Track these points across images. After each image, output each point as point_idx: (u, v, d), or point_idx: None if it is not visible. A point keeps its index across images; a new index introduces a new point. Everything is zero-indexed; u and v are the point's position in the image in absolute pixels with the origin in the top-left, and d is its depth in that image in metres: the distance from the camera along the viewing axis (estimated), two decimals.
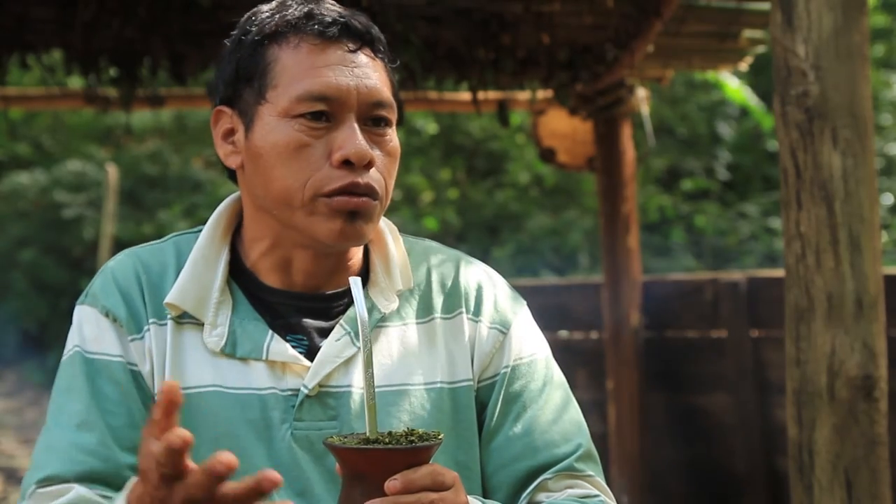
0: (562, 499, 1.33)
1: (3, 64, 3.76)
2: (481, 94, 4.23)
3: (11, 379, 10.36)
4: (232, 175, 1.41)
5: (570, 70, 4.07)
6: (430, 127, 10.70)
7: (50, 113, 10.95)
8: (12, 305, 10.29)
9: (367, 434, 1.13)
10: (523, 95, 4.72)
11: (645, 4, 3.58)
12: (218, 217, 1.41)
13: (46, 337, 10.15)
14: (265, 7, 1.38)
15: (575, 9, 3.65)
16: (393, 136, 1.35)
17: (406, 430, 1.17)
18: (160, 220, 10.20)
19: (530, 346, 1.44)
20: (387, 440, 1.11)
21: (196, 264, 1.36)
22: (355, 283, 1.19)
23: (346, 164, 1.28)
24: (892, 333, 3.47)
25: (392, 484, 1.09)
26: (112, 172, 8.78)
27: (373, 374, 1.14)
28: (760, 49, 4.27)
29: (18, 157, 11.19)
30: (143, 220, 10.37)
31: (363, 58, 1.32)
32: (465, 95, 4.72)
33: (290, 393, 1.32)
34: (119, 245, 8.85)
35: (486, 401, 1.40)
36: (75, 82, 5.46)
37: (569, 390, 1.45)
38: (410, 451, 1.10)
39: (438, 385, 1.38)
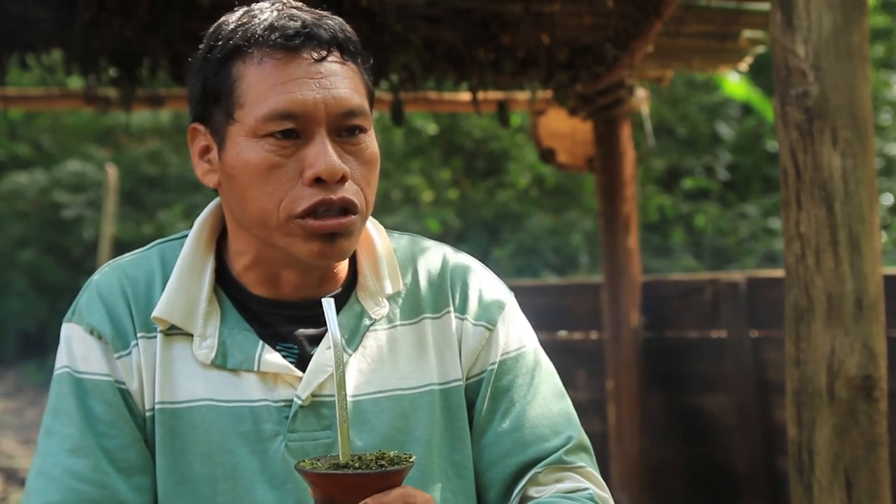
0: (547, 497, 1.32)
1: (3, 64, 3.76)
2: (481, 95, 4.22)
3: (11, 379, 10.36)
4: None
5: (569, 70, 4.07)
6: (430, 127, 10.70)
7: (50, 113, 10.95)
8: (12, 305, 10.29)
9: (340, 457, 1.13)
10: (523, 95, 4.72)
11: (645, 4, 3.58)
12: (202, 224, 1.38)
13: (46, 337, 10.15)
14: (230, 18, 1.32)
15: (575, 9, 3.65)
16: (369, 142, 1.31)
17: (378, 452, 1.16)
18: (160, 221, 10.20)
19: (517, 339, 1.42)
20: (357, 465, 1.11)
21: (182, 275, 1.33)
22: (329, 304, 1.17)
23: (318, 181, 1.25)
24: (892, 333, 3.47)
25: None
26: (112, 172, 8.78)
27: (345, 396, 1.13)
28: (760, 49, 4.27)
29: (18, 157, 11.19)
30: (143, 220, 10.38)
31: (330, 65, 1.27)
32: (465, 95, 4.71)
33: (283, 404, 1.31)
34: (119, 245, 8.86)
35: (474, 397, 1.39)
36: (75, 82, 5.45)
37: (558, 382, 1.43)
38: (380, 476, 1.10)
39: (430, 387, 1.36)
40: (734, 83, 8.62)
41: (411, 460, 1.13)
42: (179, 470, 1.30)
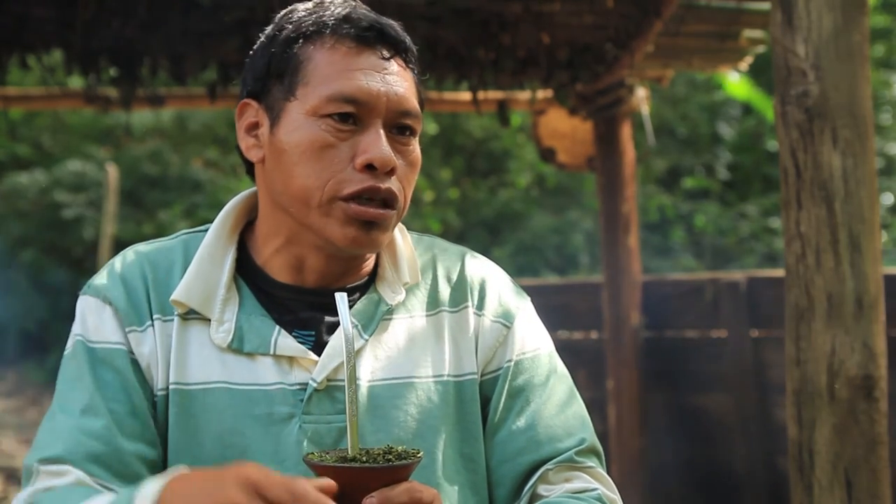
0: (556, 497, 1.34)
1: (3, 64, 3.76)
2: (481, 94, 4.23)
3: (11, 379, 10.36)
4: (249, 169, 1.42)
5: (570, 70, 4.07)
6: (430, 127, 10.71)
7: (50, 113, 10.96)
8: (13, 305, 10.30)
9: (349, 450, 1.14)
10: (523, 95, 4.72)
11: (645, 4, 3.58)
12: (226, 215, 1.41)
13: (46, 337, 10.16)
14: (301, 6, 1.38)
15: (575, 9, 3.65)
16: (416, 146, 1.36)
17: (386, 447, 1.18)
18: (160, 220, 10.20)
19: (534, 340, 1.45)
20: (364, 458, 1.13)
21: (202, 262, 1.37)
22: (342, 298, 1.19)
23: (369, 168, 1.29)
24: (892, 333, 3.47)
25: (369, 502, 1.10)
26: (112, 172, 8.78)
27: (356, 390, 1.15)
28: (760, 49, 4.27)
29: (18, 157, 11.20)
30: (143, 220, 10.38)
31: (395, 66, 1.34)
32: (465, 95, 4.72)
33: (297, 387, 1.33)
34: (119, 245, 8.85)
35: (489, 394, 1.41)
36: (75, 82, 5.46)
37: (572, 384, 1.46)
38: (387, 470, 1.11)
39: (445, 378, 1.39)
40: (734, 83, 8.63)
41: (419, 455, 1.14)
42: (191, 451, 1.32)
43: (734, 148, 10.63)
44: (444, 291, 1.43)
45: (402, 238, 1.45)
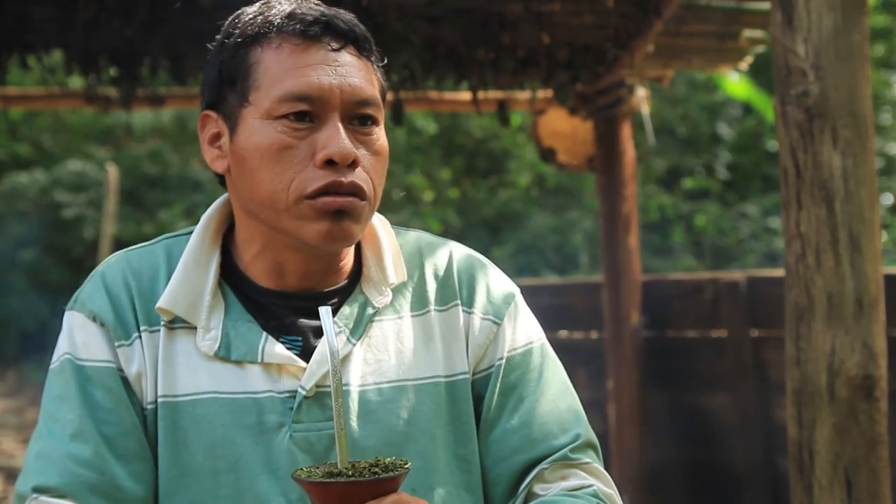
0: (551, 496, 1.33)
1: (3, 64, 3.76)
2: (481, 94, 4.23)
3: (11, 379, 10.36)
4: (222, 181, 1.39)
5: (570, 70, 4.07)
6: (430, 127, 10.71)
7: (50, 113, 10.96)
8: (13, 305, 10.30)
9: (338, 463, 1.14)
10: (523, 95, 4.72)
11: (645, 4, 3.58)
12: (208, 219, 1.39)
13: (46, 337, 10.12)
14: (249, 9, 1.35)
15: (575, 9, 3.65)
16: (380, 134, 1.33)
17: (374, 459, 1.17)
18: (160, 220, 10.21)
19: (524, 334, 1.43)
20: (350, 473, 1.12)
21: (187, 268, 1.34)
22: (326, 313, 1.17)
23: (330, 163, 1.26)
24: (892, 333, 3.47)
25: None
26: (112, 172, 8.78)
27: (342, 404, 1.14)
28: (760, 49, 4.27)
29: (18, 157, 11.20)
30: (143, 220, 10.39)
31: (347, 56, 1.31)
32: (465, 95, 4.72)
33: (287, 395, 1.31)
34: (119, 245, 8.87)
35: (482, 392, 1.39)
36: (75, 82, 5.46)
37: (565, 377, 1.44)
38: (374, 483, 1.11)
39: (436, 379, 1.37)
40: (734, 83, 8.64)
41: (406, 467, 1.14)
42: (182, 463, 1.30)
43: (734, 148, 10.63)
44: (432, 289, 1.41)
45: (387, 235, 1.42)
